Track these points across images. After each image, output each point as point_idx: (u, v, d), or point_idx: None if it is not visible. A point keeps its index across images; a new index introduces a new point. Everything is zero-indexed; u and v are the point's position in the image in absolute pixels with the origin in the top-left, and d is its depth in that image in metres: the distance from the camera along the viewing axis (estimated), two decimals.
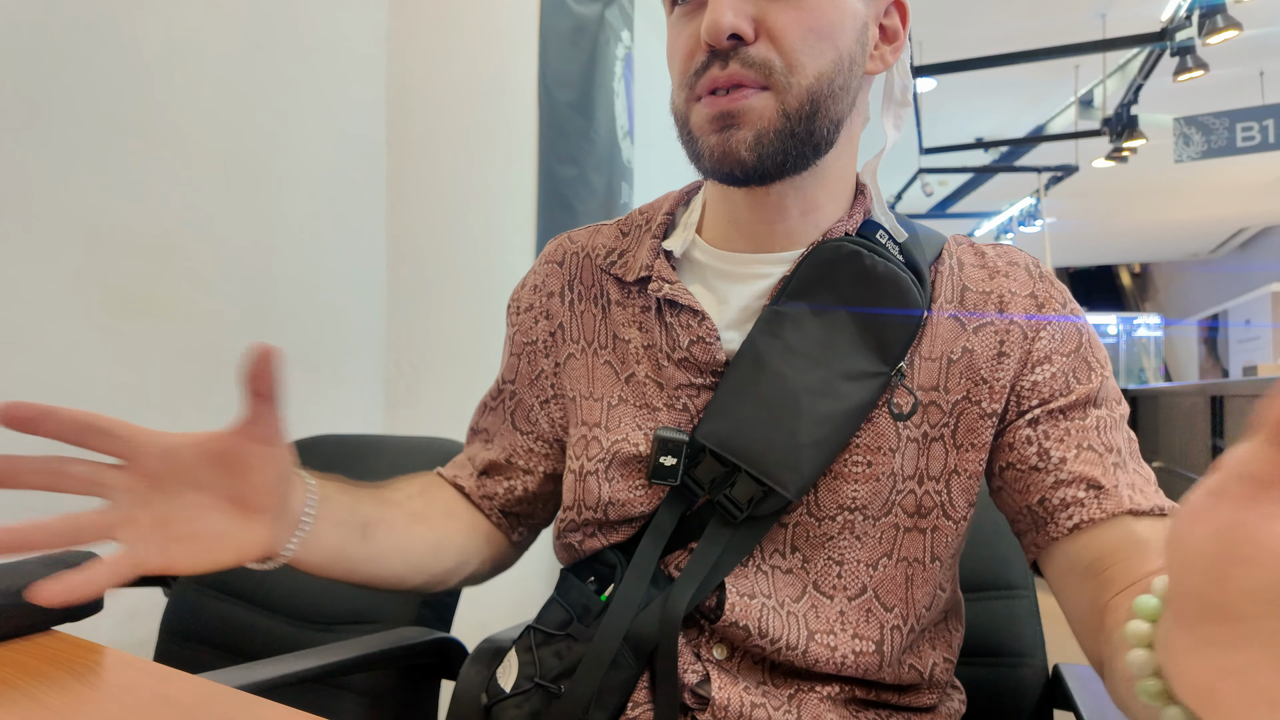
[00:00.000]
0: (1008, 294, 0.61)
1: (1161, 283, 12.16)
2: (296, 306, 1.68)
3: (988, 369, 0.59)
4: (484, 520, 0.73)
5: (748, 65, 0.54)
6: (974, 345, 0.60)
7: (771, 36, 0.55)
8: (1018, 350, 0.59)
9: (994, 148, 6.37)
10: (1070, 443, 0.57)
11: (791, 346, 0.60)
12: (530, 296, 0.73)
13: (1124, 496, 0.55)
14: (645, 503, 0.62)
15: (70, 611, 0.64)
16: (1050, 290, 0.62)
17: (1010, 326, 0.60)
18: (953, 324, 0.61)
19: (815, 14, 0.55)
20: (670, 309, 0.64)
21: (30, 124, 1.23)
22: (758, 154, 0.55)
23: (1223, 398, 1.87)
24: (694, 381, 0.62)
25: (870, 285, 0.60)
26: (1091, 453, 0.56)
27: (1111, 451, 0.57)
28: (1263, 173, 6.87)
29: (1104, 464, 0.56)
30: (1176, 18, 3.95)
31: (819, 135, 0.57)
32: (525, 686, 0.62)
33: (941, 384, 0.60)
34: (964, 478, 0.60)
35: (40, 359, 1.24)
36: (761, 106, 0.55)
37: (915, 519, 0.60)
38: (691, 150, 0.59)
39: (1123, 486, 0.55)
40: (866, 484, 0.59)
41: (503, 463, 0.72)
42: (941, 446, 0.60)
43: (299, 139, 1.68)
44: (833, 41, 0.56)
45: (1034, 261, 0.64)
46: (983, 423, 0.59)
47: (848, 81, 0.58)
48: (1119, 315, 9.59)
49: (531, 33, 1.99)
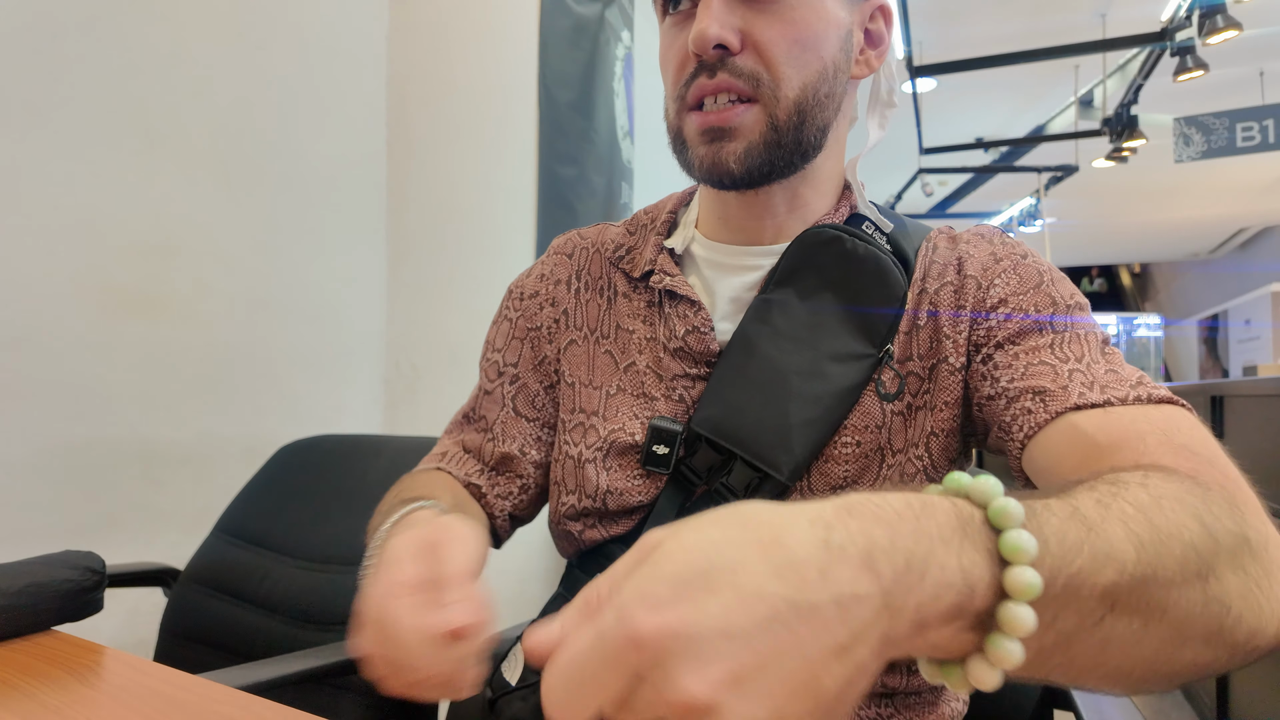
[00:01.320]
0: (966, 255, 0.62)
1: (1161, 283, 12.16)
2: (296, 306, 1.68)
3: (949, 326, 0.60)
4: (489, 523, 0.72)
5: (736, 75, 0.57)
6: (937, 305, 0.61)
7: (757, 49, 0.57)
8: (971, 301, 0.60)
9: (994, 148, 6.37)
10: (1020, 364, 0.55)
11: (780, 331, 0.61)
12: (536, 284, 0.74)
13: (1073, 394, 0.51)
14: (643, 493, 0.63)
15: (71, 611, 0.64)
16: (1011, 248, 0.62)
17: (965, 281, 0.61)
18: (918, 296, 0.62)
19: (799, 26, 0.57)
20: (670, 300, 0.66)
21: (30, 124, 1.23)
22: (746, 166, 0.58)
23: (1223, 398, 1.87)
24: (689, 372, 0.64)
25: (853, 267, 0.61)
26: (1044, 366, 0.54)
27: (1069, 360, 0.53)
28: (1263, 173, 6.87)
29: (1057, 370, 0.53)
30: (1176, 18, 3.95)
31: (806, 143, 0.60)
32: (531, 680, 0.62)
33: (914, 353, 0.61)
34: (942, 437, 0.60)
35: (40, 359, 1.24)
36: (751, 122, 0.58)
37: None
38: (683, 160, 0.62)
39: (1074, 386, 0.51)
40: (855, 463, 0.60)
41: (516, 454, 0.70)
42: (926, 413, 0.61)
43: (299, 139, 1.68)
44: (817, 52, 0.58)
45: (1001, 234, 0.65)
46: (952, 379, 0.60)
47: (833, 89, 0.60)
48: (1119, 315, 9.59)
49: (531, 33, 1.99)
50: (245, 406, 1.55)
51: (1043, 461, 0.51)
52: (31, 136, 1.23)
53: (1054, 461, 0.50)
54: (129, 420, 1.36)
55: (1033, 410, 0.52)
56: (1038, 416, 0.52)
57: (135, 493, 1.37)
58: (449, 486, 0.69)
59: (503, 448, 0.71)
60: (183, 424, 1.45)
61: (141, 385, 1.38)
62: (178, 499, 1.43)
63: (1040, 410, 0.52)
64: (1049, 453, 0.50)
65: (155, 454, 1.40)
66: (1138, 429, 0.47)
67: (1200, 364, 8.45)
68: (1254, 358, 6.67)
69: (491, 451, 0.71)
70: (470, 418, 0.74)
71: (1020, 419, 0.53)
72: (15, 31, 1.20)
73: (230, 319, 1.53)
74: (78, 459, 1.29)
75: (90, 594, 0.65)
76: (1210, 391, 1.91)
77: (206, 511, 1.26)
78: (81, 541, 0.87)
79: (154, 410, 1.40)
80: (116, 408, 1.34)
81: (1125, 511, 0.33)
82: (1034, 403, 0.52)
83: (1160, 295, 12.17)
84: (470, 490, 0.71)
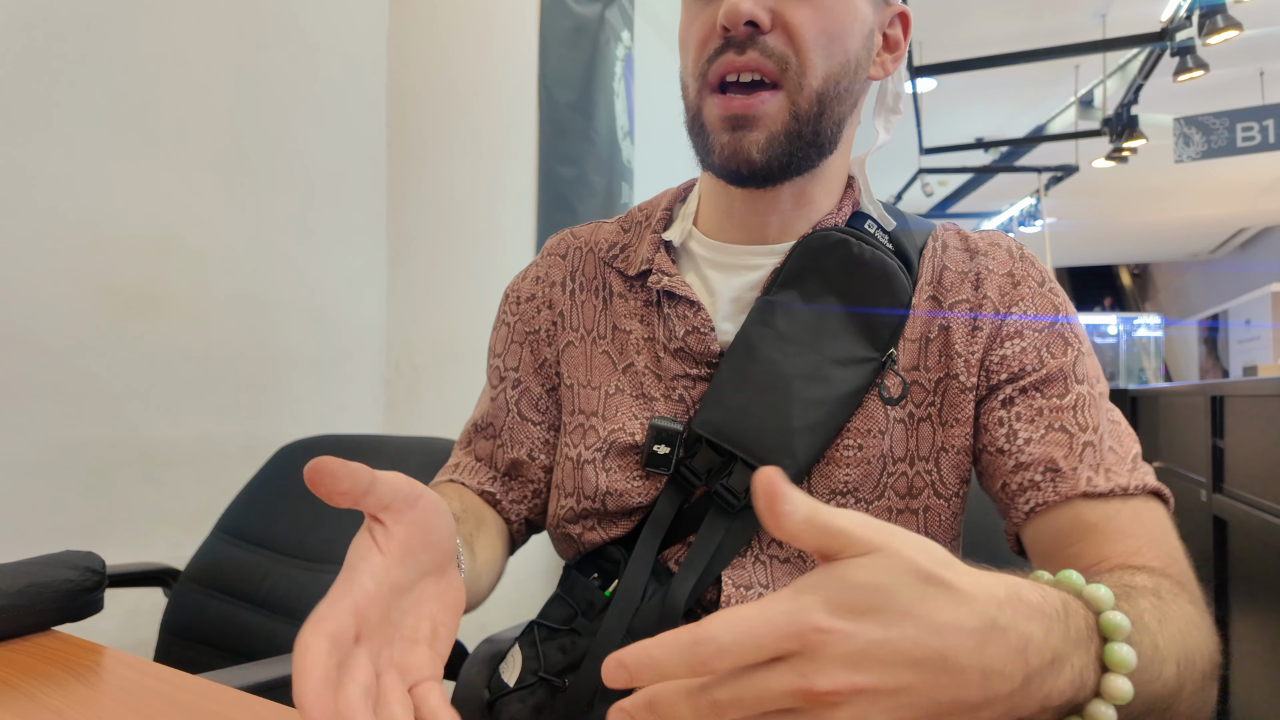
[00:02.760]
0: (984, 271, 0.62)
1: (1162, 283, 12.16)
2: (297, 305, 1.68)
3: (962, 344, 0.60)
4: (506, 529, 0.72)
5: (765, 54, 0.56)
6: (950, 321, 0.61)
7: (788, 31, 0.56)
8: (988, 325, 0.60)
9: (994, 148, 6.37)
10: (1040, 423, 0.57)
11: (783, 334, 0.61)
12: (532, 287, 0.73)
13: (1081, 479, 0.54)
14: (643, 494, 0.63)
15: (71, 611, 0.64)
16: (1029, 270, 0.62)
17: (983, 301, 0.61)
18: (930, 304, 0.62)
19: (830, 15, 0.56)
20: (669, 300, 0.65)
21: (30, 124, 1.23)
22: (767, 156, 0.57)
23: (1223, 398, 1.87)
24: (690, 372, 0.63)
25: (858, 272, 0.61)
26: (1062, 433, 0.56)
27: (1086, 430, 0.56)
28: (1263, 173, 6.87)
29: (1072, 444, 0.55)
30: (1176, 18, 3.95)
31: (824, 137, 0.59)
32: (529, 681, 0.62)
33: (921, 363, 0.61)
34: (952, 454, 0.60)
35: (40, 359, 1.24)
36: (775, 110, 0.57)
37: (907, 500, 0.61)
38: (701, 144, 0.60)
39: (1083, 468, 0.55)
40: (858, 467, 0.60)
41: (525, 459, 0.70)
42: (929, 426, 0.61)
43: (299, 139, 1.68)
44: (843, 44, 0.57)
45: (1017, 245, 0.65)
46: (963, 397, 0.60)
47: (852, 85, 0.60)
48: (1119, 315, 9.58)
49: (531, 33, 1.99)
50: (245, 406, 1.56)
51: (1045, 539, 0.55)
52: (32, 136, 1.23)
53: (1057, 543, 0.55)
54: (129, 420, 1.36)
55: (1041, 487, 0.55)
56: (1045, 494, 0.55)
57: (135, 493, 1.37)
58: (458, 495, 0.68)
59: (511, 453, 0.71)
60: (183, 424, 1.45)
61: (141, 385, 1.38)
62: (178, 499, 1.43)
63: (1049, 489, 0.55)
64: (1053, 532, 0.55)
65: (155, 454, 1.40)
66: (1133, 529, 0.53)
67: (1200, 364, 8.45)
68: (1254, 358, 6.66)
69: (502, 458, 0.71)
70: (479, 427, 0.74)
71: (1028, 491, 0.56)
72: (16, 31, 1.20)
73: (230, 319, 1.53)
74: (78, 459, 1.29)
75: (90, 594, 0.65)
76: (1210, 391, 1.91)
77: (206, 511, 1.26)
78: (81, 541, 0.87)
79: (154, 410, 1.40)
80: (116, 408, 1.34)
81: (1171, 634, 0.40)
82: (1043, 478, 0.55)
83: (1160, 295, 12.17)
84: (485, 498, 0.71)
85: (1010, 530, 0.59)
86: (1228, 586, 1.83)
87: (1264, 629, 1.59)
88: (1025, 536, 0.57)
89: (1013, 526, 0.58)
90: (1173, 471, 2.29)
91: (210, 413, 1.49)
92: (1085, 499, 0.54)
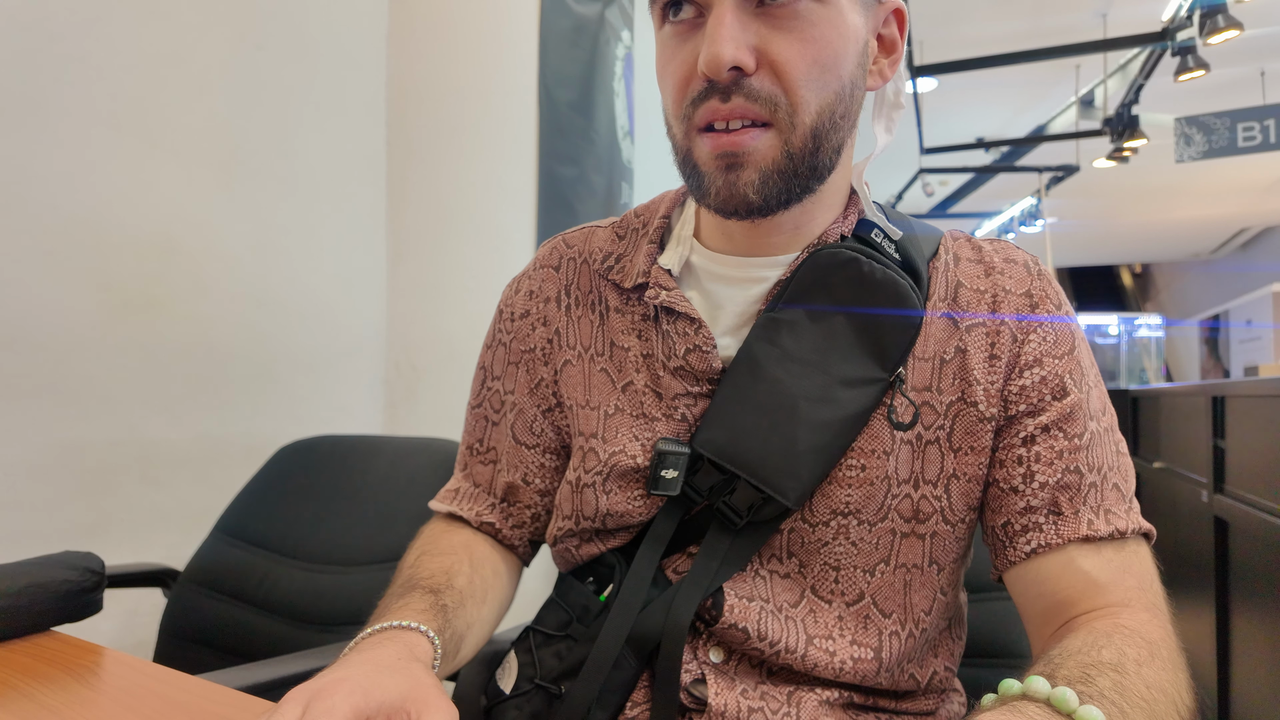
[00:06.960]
0: (1002, 291, 0.60)
1: (1163, 283, 12.15)
2: (297, 306, 1.68)
3: (980, 370, 0.58)
4: (513, 555, 0.72)
5: (752, 99, 0.52)
6: (967, 345, 0.59)
7: (775, 69, 0.52)
8: (1006, 354, 0.59)
9: (995, 148, 6.37)
10: (1059, 466, 0.57)
11: (788, 353, 0.59)
12: (526, 303, 0.71)
13: (1082, 522, 0.55)
14: (644, 512, 0.62)
15: (70, 611, 0.64)
16: (1046, 289, 0.61)
17: (1001, 328, 0.59)
18: (946, 323, 0.60)
19: (819, 45, 0.53)
20: (668, 316, 0.63)
21: (30, 124, 1.23)
22: (763, 195, 0.54)
23: (1224, 398, 1.86)
24: (690, 390, 0.62)
25: (868, 291, 0.59)
26: (1075, 475, 0.56)
27: (1093, 470, 0.57)
28: (1264, 173, 6.87)
29: (1080, 485, 0.56)
30: (1177, 17, 3.95)
31: (821, 166, 0.56)
32: (525, 688, 0.62)
33: (935, 384, 0.59)
34: (963, 481, 0.59)
35: (40, 359, 1.24)
36: (766, 147, 0.54)
37: (913, 524, 0.60)
38: (696, 184, 0.57)
39: (1085, 510, 0.55)
40: (860, 488, 0.58)
41: (519, 484, 0.70)
42: (937, 450, 0.59)
43: (299, 139, 1.68)
44: (836, 72, 0.54)
45: (1033, 259, 0.63)
46: (981, 427, 0.59)
47: (849, 109, 0.57)
48: (1120, 315, 9.58)
49: (531, 33, 1.99)
50: (245, 406, 1.55)
51: (1037, 580, 0.57)
52: (32, 136, 1.23)
53: (1047, 585, 0.56)
54: (129, 420, 1.36)
55: (1044, 529, 0.56)
56: (1047, 535, 0.56)
57: (134, 493, 1.37)
58: (466, 552, 0.67)
59: (506, 477, 0.70)
60: (182, 424, 1.45)
61: (141, 385, 1.38)
62: (177, 499, 1.43)
63: (1051, 531, 0.56)
64: (1045, 574, 0.56)
65: (155, 454, 1.40)
66: (1121, 580, 0.55)
67: (1201, 364, 8.44)
68: (1255, 358, 6.65)
69: (499, 483, 0.71)
70: (474, 450, 0.73)
71: (1030, 533, 0.57)
72: (15, 31, 1.20)
73: (230, 319, 1.53)
74: (77, 459, 1.29)
75: (90, 594, 0.65)
76: (1211, 392, 1.91)
77: (206, 512, 1.26)
78: (81, 542, 0.88)
79: (153, 410, 1.40)
80: (116, 408, 1.34)
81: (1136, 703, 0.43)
82: (1046, 520, 0.56)
83: (1161, 295, 12.17)
84: (485, 530, 0.70)
85: (1002, 565, 0.59)
86: (1228, 587, 1.83)
87: (1264, 629, 1.59)
88: (1014, 572, 0.58)
89: (1006, 563, 0.58)
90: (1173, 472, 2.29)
91: (210, 413, 1.49)
92: (1083, 543, 0.55)
